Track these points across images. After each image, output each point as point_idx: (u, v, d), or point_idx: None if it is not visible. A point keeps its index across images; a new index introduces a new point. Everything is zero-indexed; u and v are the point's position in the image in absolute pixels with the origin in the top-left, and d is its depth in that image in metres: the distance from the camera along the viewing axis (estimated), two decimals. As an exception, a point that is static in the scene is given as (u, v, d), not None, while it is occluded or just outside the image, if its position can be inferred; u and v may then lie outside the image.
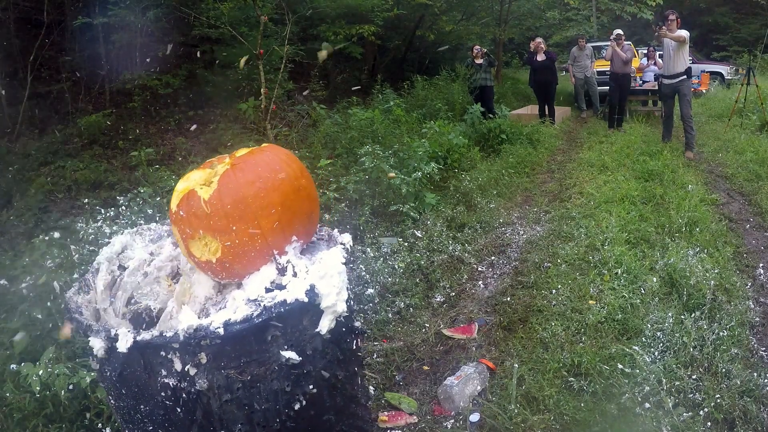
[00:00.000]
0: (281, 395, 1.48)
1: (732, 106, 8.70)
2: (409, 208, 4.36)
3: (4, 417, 2.15)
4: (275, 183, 1.57)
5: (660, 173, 5.75)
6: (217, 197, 1.51)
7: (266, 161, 1.61)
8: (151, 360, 1.41)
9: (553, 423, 2.28)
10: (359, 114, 5.88)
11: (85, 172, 6.34)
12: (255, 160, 1.61)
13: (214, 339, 1.37)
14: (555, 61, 10.25)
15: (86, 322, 1.49)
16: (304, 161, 4.60)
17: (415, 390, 2.63)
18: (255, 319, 1.40)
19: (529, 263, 3.88)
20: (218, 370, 1.41)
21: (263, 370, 1.45)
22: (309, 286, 1.48)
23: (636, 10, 14.77)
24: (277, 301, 1.43)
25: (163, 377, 1.41)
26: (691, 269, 3.29)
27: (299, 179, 1.65)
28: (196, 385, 1.40)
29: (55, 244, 2.91)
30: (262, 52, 5.45)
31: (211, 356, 1.40)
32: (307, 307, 1.48)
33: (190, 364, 1.40)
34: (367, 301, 3.23)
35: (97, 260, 1.77)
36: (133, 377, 1.46)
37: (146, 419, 1.49)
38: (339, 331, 1.59)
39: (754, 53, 11.20)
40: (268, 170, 1.58)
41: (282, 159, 1.65)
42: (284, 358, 1.45)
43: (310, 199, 1.70)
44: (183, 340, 1.36)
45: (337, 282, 1.54)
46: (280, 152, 1.70)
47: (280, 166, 1.61)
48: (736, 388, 2.33)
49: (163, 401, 1.44)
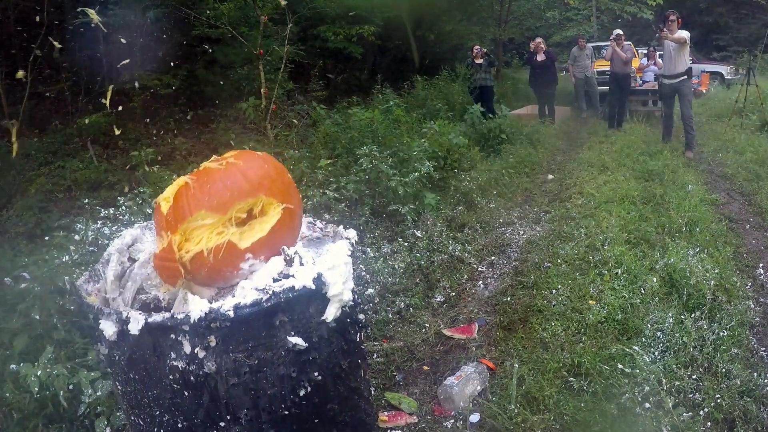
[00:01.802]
0: (287, 381, 1.51)
1: (732, 106, 8.71)
2: (408, 210, 4.36)
3: (4, 417, 2.15)
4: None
5: (660, 173, 5.75)
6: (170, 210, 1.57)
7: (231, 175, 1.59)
8: (161, 342, 1.44)
9: (553, 423, 2.28)
10: (359, 114, 5.88)
11: (85, 172, 6.34)
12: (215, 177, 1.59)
13: (224, 322, 1.40)
14: (555, 61, 10.25)
15: (98, 306, 1.52)
16: (305, 161, 4.60)
17: (415, 390, 2.63)
18: (264, 303, 1.43)
19: (529, 263, 3.89)
20: (226, 353, 1.44)
21: (270, 355, 1.48)
22: (316, 274, 1.52)
23: (636, 10, 14.78)
24: (285, 287, 1.47)
25: (172, 360, 1.44)
26: (691, 269, 3.29)
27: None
28: (205, 367, 1.43)
29: (55, 245, 2.91)
30: (262, 52, 5.45)
31: (221, 339, 1.43)
32: (315, 294, 1.51)
33: (199, 347, 1.43)
34: (367, 301, 3.23)
35: (108, 251, 1.80)
36: (142, 360, 1.48)
37: (153, 403, 1.52)
38: (344, 321, 1.63)
39: (754, 53, 11.19)
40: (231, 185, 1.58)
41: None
42: (291, 344, 1.48)
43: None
44: (193, 323, 1.39)
45: (344, 271, 1.58)
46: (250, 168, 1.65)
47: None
48: (736, 388, 2.33)
49: (170, 384, 1.47)
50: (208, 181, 1.56)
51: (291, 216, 1.64)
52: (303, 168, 4.47)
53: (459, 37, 12.97)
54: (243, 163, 1.61)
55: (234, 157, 1.64)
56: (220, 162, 1.63)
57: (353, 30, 9.50)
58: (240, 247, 1.54)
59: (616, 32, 8.91)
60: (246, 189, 1.56)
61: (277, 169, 1.70)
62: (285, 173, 1.72)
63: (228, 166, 1.59)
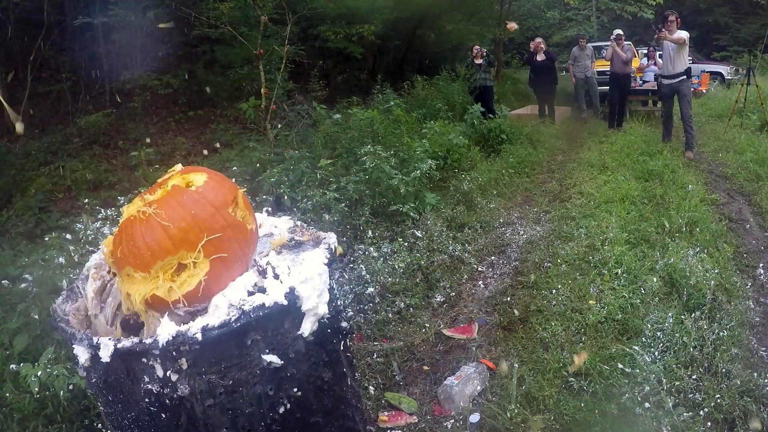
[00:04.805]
0: (264, 399, 1.48)
1: (732, 106, 8.70)
2: (408, 208, 4.36)
3: (4, 417, 2.15)
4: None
5: (660, 173, 5.74)
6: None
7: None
8: (134, 367, 1.43)
9: (553, 423, 2.28)
10: (359, 114, 5.88)
11: (85, 172, 6.35)
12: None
13: (192, 345, 1.37)
14: (555, 61, 10.25)
15: (71, 331, 1.50)
16: (304, 161, 4.60)
17: (415, 390, 2.63)
18: (233, 323, 1.40)
19: (529, 263, 3.89)
20: (199, 375, 1.42)
21: (245, 375, 1.45)
22: (288, 289, 1.48)
23: (636, 10, 14.76)
24: (255, 305, 1.43)
25: (146, 383, 1.43)
26: (691, 269, 3.28)
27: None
28: (178, 390, 1.41)
29: (54, 245, 2.91)
30: (262, 52, 5.45)
31: (192, 362, 1.40)
32: (288, 309, 1.48)
33: (171, 370, 1.40)
34: (367, 301, 3.23)
35: (86, 266, 1.77)
36: (117, 384, 1.47)
37: (133, 425, 1.50)
38: (323, 332, 1.59)
39: (754, 53, 11.18)
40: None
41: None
42: (266, 362, 1.46)
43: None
44: (163, 347, 1.37)
45: (318, 284, 1.54)
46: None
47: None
48: (736, 388, 2.33)
49: (147, 407, 1.45)
50: (131, 237, 1.49)
51: (224, 263, 1.52)
52: (303, 168, 4.47)
53: (459, 37, 12.95)
54: (166, 213, 1.48)
55: (159, 204, 1.50)
56: (150, 203, 1.52)
57: (353, 30, 9.49)
58: (169, 300, 1.47)
59: (616, 32, 8.91)
60: (166, 247, 1.46)
61: (214, 206, 1.54)
62: (222, 209, 1.55)
63: (149, 219, 1.48)
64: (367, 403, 2.49)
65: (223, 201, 1.57)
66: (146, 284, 1.48)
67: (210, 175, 1.64)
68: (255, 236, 1.68)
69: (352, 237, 3.93)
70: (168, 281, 1.48)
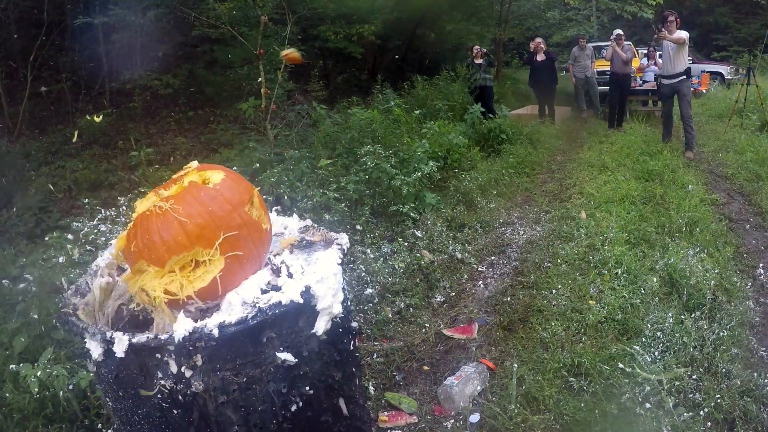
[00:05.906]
0: (277, 397, 1.48)
1: (732, 106, 8.70)
2: (409, 208, 4.36)
3: (4, 417, 2.15)
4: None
5: (660, 173, 5.74)
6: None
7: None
8: (147, 362, 1.42)
9: (553, 423, 2.28)
10: (359, 114, 5.88)
11: (85, 172, 6.35)
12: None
13: (209, 341, 1.37)
14: (555, 61, 10.25)
15: (82, 325, 1.49)
16: (304, 161, 4.60)
17: (415, 390, 2.63)
18: (249, 320, 1.39)
19: (529, 263, 3.88)
20: (214, 372, 1.41)
21: (259, 372, 1.45)
22: (304, 288, 1.48)
23: (636, 10, 14.75)
24: (272, 303, 1.43)
25: (159, 379, 1.42)
26: (691, 269, 3.29)
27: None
28: (192, 387, 1.40)
29: (55, 245, 2.91)
30: (262, 52, 5.45)
31: (207, 358, 1.40)
32: (303, 308, 1.48)
33: (186, 366, 1.40)
34: (367, 301, 3.23)
35: (96, 263, 1.77)
36: (129, 379, 1.46)
37: (143, 421, 1.49)
38: (335, 332, 1.59)
39: (754, 53, 11.18)
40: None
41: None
42: (280, 360, 1.45)
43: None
44: (179, 343, 1.36)
45: (333, 283, 1.54)
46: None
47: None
48: (736, 388, 2.32)
49: (159, 403, 1.44)
50: (146, 232, 1.47)
51: (239, 262, 1.53)
52: (303, 168, 4.47)
53: (459, 37, 12.96)
54: (183, 208, 1.47)
55: (176, 200, 1.49)
56: (166, 199, 1.51)
57: (353, 30, 9.50)
58: (182, 296, 1.46)
59: (616, 32, 8.90)
60: (182, 243, 1.45)
61: (231, 203, 1.53)
62: (239, 207, 1.54)
63: (165, 215, 1.47)
64: (367, 403, 2.49)
65: (240, 199, 1.57)
66: (160, 279, 1.48)
67: (227, 173, 1.64)
68: (269, 236, 1.69)
69: (352, 237, 3.93)
70: (184, 277, 1.48)
